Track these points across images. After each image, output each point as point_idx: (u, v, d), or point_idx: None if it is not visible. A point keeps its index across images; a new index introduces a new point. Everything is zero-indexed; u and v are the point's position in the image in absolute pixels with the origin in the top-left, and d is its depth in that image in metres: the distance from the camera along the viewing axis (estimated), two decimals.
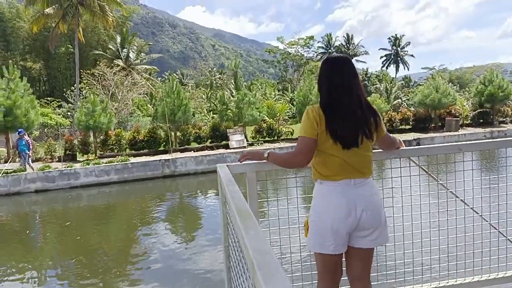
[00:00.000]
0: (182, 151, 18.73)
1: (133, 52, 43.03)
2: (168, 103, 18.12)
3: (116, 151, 18.62)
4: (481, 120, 25.46)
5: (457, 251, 2.65)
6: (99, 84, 30.26)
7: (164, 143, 18.99)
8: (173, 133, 19.20)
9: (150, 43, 59.43)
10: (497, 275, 2.67)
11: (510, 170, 2.79)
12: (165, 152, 18.47)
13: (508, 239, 2.60)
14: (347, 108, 2.03)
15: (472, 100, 27.10)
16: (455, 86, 41.53)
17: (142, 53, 45.15)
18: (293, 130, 23.21)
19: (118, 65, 35.33)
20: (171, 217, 11.64)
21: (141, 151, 18.77)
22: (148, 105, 35.22)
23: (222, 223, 2.14)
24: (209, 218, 10.83)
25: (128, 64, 41.16)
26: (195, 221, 10.95)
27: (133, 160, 16.70)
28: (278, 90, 46.04)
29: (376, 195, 2.07)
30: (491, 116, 25.38)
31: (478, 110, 25.36)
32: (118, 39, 42.59)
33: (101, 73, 30.71)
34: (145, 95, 36.54)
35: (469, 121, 25.41)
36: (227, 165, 2.40)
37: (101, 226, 11.15)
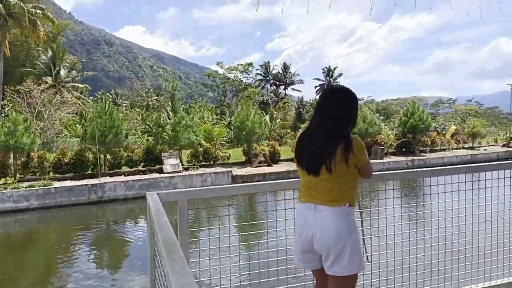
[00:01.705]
0: (112, 175, 17.86)
1: (64, 69, 41.00)
2: (98, 124, 17.32)
3: (38, 174, 17.31)
4: (404, 149, 27.35)
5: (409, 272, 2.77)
6: (24, 101, 28.53)
7: (92, 166, 18.01)
8: (102, 156, 18.31)
9: (83, 60, 57.12)
10: None
11: (427, 198, 3.01)
12: (94, 176, 17.51)
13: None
14: (314, 137, 2.15)
15: (396, 130, 29.11)
16: (381, 117, 44.42)
17: (73, 71, 43.16)
18: (229, 154, 23.22)
19: (47, 82, 33.43)
20: (96, 246, 10.94)
21: (67, 174, 17.62)
22: (77, 125, 33.47)
23: (150, 254, 2.08)
24: (137, 248, 10.34)
25: (58, 82, 39.05)
26: (121, 251, 10.39)
27: (57, 184, 15.61)
28: (216, 114, 46.23)
29: (331, 224, 2.06)
30: (413, 146, 27.38)
31: (401, 140, 27.25)
32: (49, 54, 40.42)
33: (27, 90, 29.00)
34: (75, 115, 34.78)
35: (393, 149, 27.18)
36: (157, 193, 2.34)
37: (18, 256, 10.19)
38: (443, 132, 33.43)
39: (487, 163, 2.99)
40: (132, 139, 28.15)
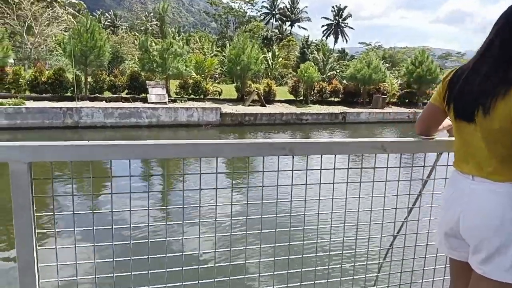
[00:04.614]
0: (92, 99, 16.71)
1: None
2: (77, 42, 15.80)
3: (13, 91, 16.14)
4: (407, 100, 26.10)
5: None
6: (13, 13, 27.02)
7: (72, 88, 16.76)
8: (83, 78, 17.01)
9: None
10: None
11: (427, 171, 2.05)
12: (73, 99, 16.36)
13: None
14: (475, 70, 1.44)
15: (401, 80, 27.62)
16: (387, 64, 42.46)
17: None
18: (221, 90, 21.95)
19: None
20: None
21: (44, 94, 16.44)
22: None
23: None
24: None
25: None
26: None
27: (30, 104, 14.50)
28: (218, 46, 44.13)
29: (489, 207, 1.40)
30: (417, 97, 26.09)
31: (405, 90, 25.91)
32: None
33: (16, 0, 27.36)
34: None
35: (395, 99, 25.92)
36: None
37: None
38: None
39: None
40: (129, 64, 26.90)
